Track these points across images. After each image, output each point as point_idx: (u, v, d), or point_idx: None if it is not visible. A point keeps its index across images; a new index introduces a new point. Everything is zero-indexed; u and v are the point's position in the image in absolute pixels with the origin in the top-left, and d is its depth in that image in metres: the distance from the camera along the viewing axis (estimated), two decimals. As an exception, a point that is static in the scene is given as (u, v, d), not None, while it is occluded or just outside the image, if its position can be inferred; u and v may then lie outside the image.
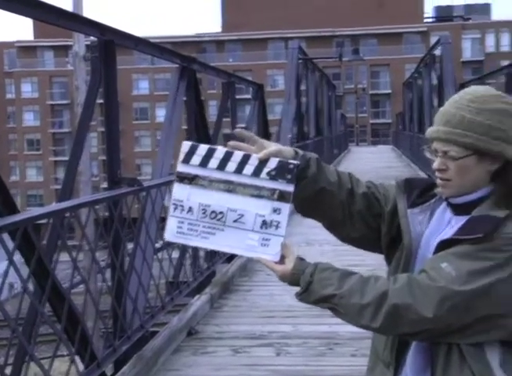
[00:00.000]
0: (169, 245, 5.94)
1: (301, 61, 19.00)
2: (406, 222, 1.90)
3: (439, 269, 1.72)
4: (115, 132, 4.97)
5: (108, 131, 4.90)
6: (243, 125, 11.36)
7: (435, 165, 1.83)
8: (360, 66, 65.67)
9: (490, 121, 1.77)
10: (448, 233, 1.82)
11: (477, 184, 1.81)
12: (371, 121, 69.72)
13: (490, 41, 69.08)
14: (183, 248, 6.67)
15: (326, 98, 28.96)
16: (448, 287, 1.70)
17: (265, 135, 11.86)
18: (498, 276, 1.70)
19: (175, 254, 6.61)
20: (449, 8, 73.46)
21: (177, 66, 6.82)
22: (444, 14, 72.45)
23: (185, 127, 7.51)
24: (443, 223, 1.87)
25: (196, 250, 6.81)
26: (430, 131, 1.84)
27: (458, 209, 1.85)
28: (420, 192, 1.94)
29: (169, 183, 5.91)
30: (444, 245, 1.78)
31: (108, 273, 4.72)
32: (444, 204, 1.90)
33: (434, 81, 19.89)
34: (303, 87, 20.42)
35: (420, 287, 1.71)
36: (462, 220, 1.81)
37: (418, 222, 1.90)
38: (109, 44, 4.74)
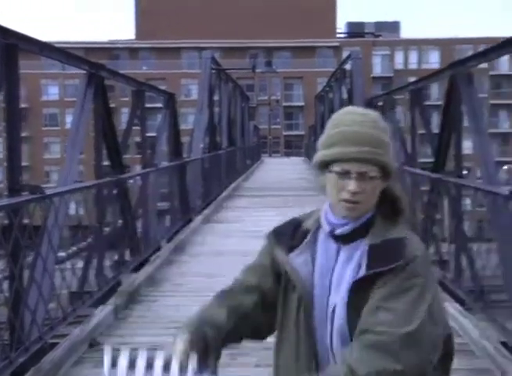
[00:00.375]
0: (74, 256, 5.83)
1: (214, 71, 19.04)
2: (291, 267, 1.86)
3: (381, 322, 1.68)
4: (16, 138, 4.83)
5: (9, 137, 4.76)
6: (154, 134, 11.26)
7: (353, 188, 1.75)
8: (274, 79, 66.37)
9: (389, 139, 1.82)
10: (348, 267, 1.79)
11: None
12: (284, 133, 70.54)
13: (399, 58, 71.23)
14: (87, 258, 6.55)
15: (240, 109, 29.11)
16: (400, 333, 1.66)
17: (176, 144, 11.80)
18: (430, 296, 1.71)
19: (80, 264, 6.48)
20: (361, 24, 75.32)
21: (84, 72, 6.71)
22: (355, 30, 74.23)
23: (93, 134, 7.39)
24: (331, 255, 1.83)
25: (101, 259, 6.70)
26: (349, 152, 1.76)
27: (345, 238, 1.82)
28: (290, 235, 1.91)
29: (74, 191, 5.81)
30: (359, 283, 1.75)
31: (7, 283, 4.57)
32: (323, 236, 1.86)
33: (345, 95, 20.30)
34: (216, 97, 20.46)
35: (376, 347, 1.66)
36: (353, 249, 1.80)
37: (303, 263, 1.85)
38: (12, 48, 4.62)
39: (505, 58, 66.55)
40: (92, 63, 6.77)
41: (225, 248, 10.05)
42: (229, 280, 5.90)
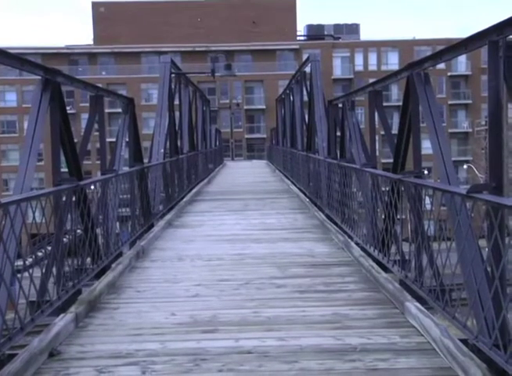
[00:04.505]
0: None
1: (173, 75, 18.96)
2: None
3: None
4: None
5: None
6: (113, 139, 11.15)
7: None
8: (235, 82, 66.39)
9: None
10: None
11: None
12: (246, 136, 70.59)
13: (359, 59, 71.84)
14: (47, 266, 6.43)
15: (201, 112, 29.06)
16: None
17: (137, 149, 11.70)
18: None
19: (38, 273, 6.36)
20: (320, 27, 75.75)
21: (40, 78, 6.60)
22: (315, 33, 74.65)
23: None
24: None
25: (60, 267, 6.59)
26: None
27: None
28: None
29: (30, 199, 5.69)
30: None
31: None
32: None
33: (306, 98, 20.36)
34: (177, 101, 20.37)
35: None
36: None
37: None
38: (-38, 53, 4.52)
39: (463, 59, 67.53)
40: (47, 69, 6.67)
41: (187, 253, 9.99)
42: (191, 286, 5.82)
